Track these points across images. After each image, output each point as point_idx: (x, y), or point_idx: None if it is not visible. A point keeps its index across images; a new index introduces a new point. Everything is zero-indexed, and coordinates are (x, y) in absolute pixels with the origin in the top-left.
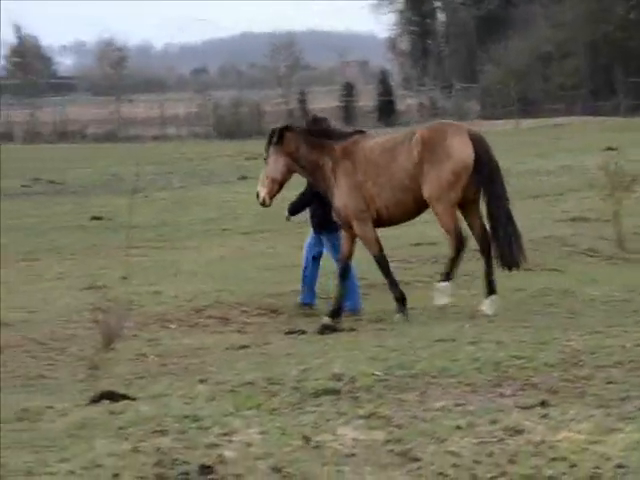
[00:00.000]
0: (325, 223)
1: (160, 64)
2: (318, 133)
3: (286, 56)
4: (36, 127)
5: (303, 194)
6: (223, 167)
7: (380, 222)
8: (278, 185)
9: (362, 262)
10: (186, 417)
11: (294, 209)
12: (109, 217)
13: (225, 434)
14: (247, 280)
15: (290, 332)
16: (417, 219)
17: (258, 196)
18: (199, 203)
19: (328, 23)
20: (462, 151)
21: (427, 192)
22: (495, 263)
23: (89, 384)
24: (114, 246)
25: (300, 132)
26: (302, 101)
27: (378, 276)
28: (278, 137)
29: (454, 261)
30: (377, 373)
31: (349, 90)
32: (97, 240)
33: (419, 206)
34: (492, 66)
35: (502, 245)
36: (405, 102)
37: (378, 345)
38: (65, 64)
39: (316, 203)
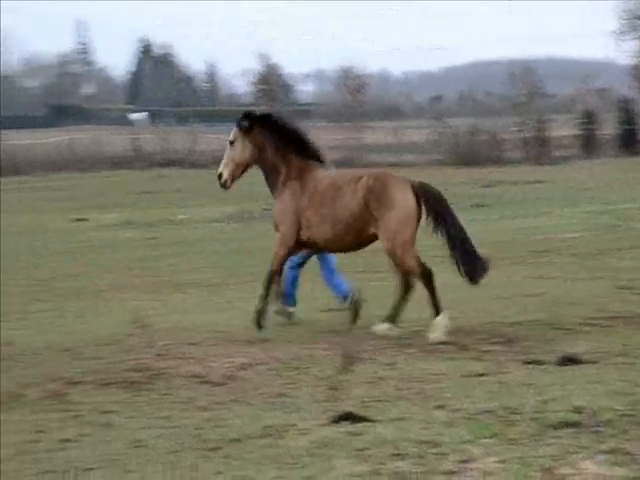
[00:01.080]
0: None
1: (398, 91)
2: (287, 139)
3: (524, 84)
4: None
5: None
6: (458, 194)
7: (314, 246)
8: (241, 170)
9: (601, 295)
10: (424, 442)
11: None
12: None
13: (463, 461)
14: (481, 308)
15: (528, 362)
16: None
17: (221, 177)
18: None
19: (564, 50)
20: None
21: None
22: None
23: (329, 404)
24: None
25: (271, 130)
26: (540, 129)
27: (623, 308)
28: (249, 125)
29: (432, 295)
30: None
31: (589, 118)
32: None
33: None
34: None
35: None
36: None
37: (621, 379)
38: (306, 91)
39: None
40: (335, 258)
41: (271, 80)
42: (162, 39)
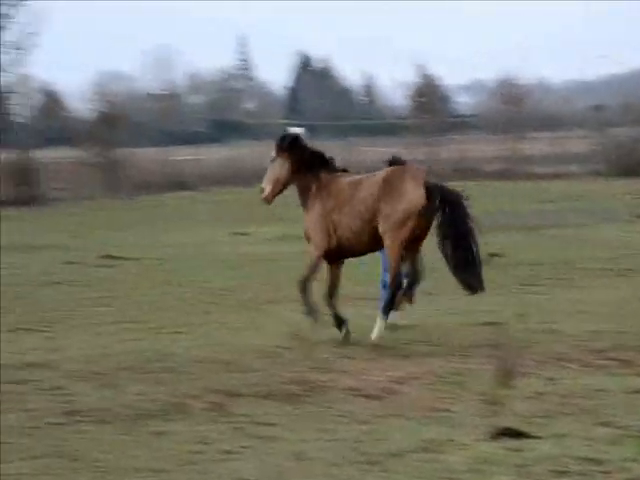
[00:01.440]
0: None
1: (557, 100)
2: (317, 160)
3: None
4: (434, 164)
5: None
6: (620, 205)
7: (341, 251)
8: (281, 186)
9: None
10: (587, 459)
11: None
12: (503, 254)
13: None
14: None
15: None
16: None
17: (263, 191)
18: (594, 241)
19: None
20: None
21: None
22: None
23: (489, 420)
24: (510, 282)
25: (305, 151)
26: None
27: None
28: (288, 145)
29: (391, 297)
30: None
31: None
32: (492, 276)
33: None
34: None
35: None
36: None
37: None
38: (463, 103)
39: None
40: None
41: (428, 92)
42: (320, 52)
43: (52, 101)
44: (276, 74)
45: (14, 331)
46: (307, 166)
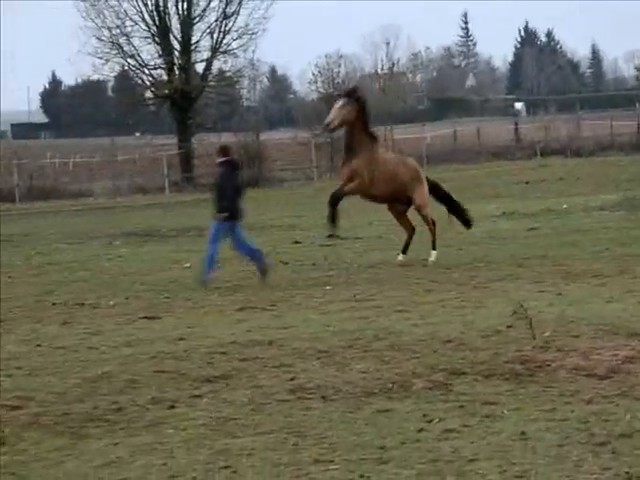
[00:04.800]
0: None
1: None
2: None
3: None
4: None
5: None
6: None
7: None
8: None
9: None
10: None
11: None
12: None
13: None
14: None
15: None
16: None
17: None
18: None
19: None
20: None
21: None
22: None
23: None
24: None
25: (364, 109)
26: None
27: None
28: (356, 98)
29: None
30: None
31: None
32: None
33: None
34: None
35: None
36: None
37: None
38: None
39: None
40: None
41: None
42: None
43: (278, 84)
44: (498, 49)
45: (243, 310)
46: (363, 121)
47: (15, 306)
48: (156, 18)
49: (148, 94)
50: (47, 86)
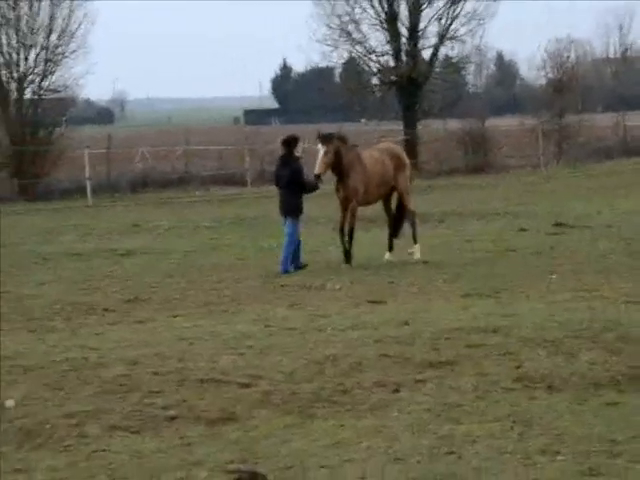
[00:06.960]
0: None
1: None
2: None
3: None
4: None
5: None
6: None
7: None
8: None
9: None
10: None
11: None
12: None
13: None
14: None
15: None
16: None
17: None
18: None
19: None
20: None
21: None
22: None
23: None
24: None
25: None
26: None
27: None
28: (330, 140)
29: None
30: None
31: None
32: None
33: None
34: None
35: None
36: None
37: None
38: None
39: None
40: None
41: None
42: None
43: (505, 70)
44: None
45: (468, 297)
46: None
47: (244, 287)
48: (385, 4)
49: (374, 80)
50: (278, 72)
